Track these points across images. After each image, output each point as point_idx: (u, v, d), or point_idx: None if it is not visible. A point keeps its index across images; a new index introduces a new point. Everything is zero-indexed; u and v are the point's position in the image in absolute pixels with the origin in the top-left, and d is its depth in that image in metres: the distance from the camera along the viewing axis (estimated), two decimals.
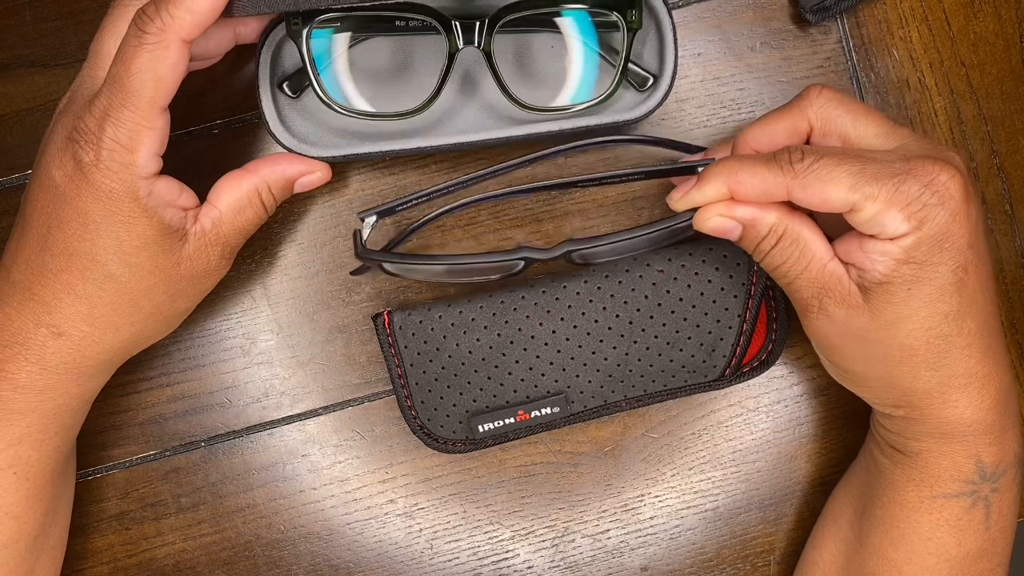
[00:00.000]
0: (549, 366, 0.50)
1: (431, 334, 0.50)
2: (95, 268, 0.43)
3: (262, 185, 0.47)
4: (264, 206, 0.47)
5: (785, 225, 0.42)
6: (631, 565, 0.54)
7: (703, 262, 0.49)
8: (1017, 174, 0.54)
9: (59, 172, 0.42)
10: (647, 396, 0.51)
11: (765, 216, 0.42)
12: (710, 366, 0.51)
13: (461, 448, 0.52)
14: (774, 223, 0.42)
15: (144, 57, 0.41)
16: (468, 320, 0.50)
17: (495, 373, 0.50)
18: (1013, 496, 0.46)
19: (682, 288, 0.49)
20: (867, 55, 0.53)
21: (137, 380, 0.53)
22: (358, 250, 0.46)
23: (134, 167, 0.42)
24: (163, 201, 0.43)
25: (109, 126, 0.41)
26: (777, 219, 0.42)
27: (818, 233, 0.42)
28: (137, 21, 0.41)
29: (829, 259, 0.42)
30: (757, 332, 0.51)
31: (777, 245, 0.42)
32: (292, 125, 0.49)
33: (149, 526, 0.53)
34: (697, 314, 0.50)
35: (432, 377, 0.50)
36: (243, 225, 0.46)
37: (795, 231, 0.42)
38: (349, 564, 0.54)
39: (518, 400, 0.50)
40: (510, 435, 0.51)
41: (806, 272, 0.42)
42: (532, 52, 0.50)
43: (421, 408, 0.51)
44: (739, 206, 0.42)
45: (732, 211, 0.42)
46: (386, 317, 0.50)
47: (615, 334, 0.50)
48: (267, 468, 0.54)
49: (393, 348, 0.50)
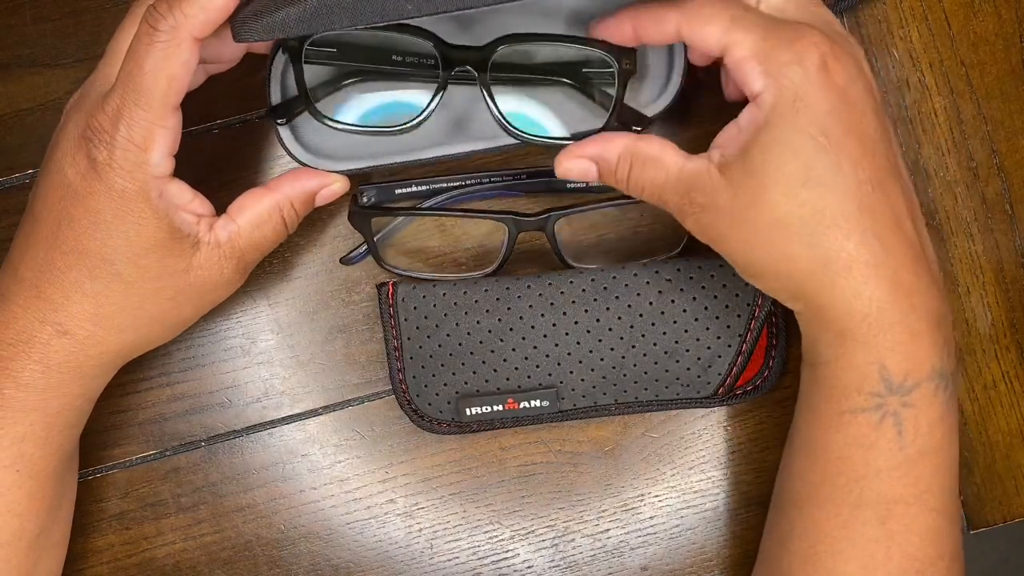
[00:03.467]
0: (545, 358, 0.50)
1: (432, 310, 0.50)
2: (104, 267, 0.43)
3: (284, 201, 0.46)
4: (285, 223, 0.47)
5: (632, 149, 0.44)
6: (631, 565, 0.54)
7: (711, 277, 0.50)
8: (1017, 174, 0.54)
9: (72, 170, 0.42)
10: (637, 403, 0.51)
11: (610, 146, 0.44)
12: (704, 382, 0.51)
13: (446, 430, 0.51)
14: (620, 151, 0.44)
15: (156, 55, 0.40)
16: (471, 301, 0.50)
17: (490, 358, 0.50)
18: (935, 415, 0.42)
19: (687, 300, 0.50)
20: (867, 55, 0.53)
21: (137, 380, 0.53)
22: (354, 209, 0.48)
23: (147, 166, 0.42)
24: (174, 204, 0.43)
25: (123, 125, 0.41)
26: (622, 147, 0.44)
27: (667, 145, 0.44)
28: (148, 19, 0.41)
29: (685, 161, 0.43)
30: (755, 357, 0.51)
31: (631, 169, 0.44)
32: (307, 140, 0.49)
33: (149, 526, 0.53)
34: (698, 328, 0.50)
35: (427, 353, 0.50)
36: (260, 241, 0.46)
37: (643, 151, 0.44)
38: (349, 564, 0.54)
39: (509, 388, 0.50)
40: (496, 423, 0.51)
41: (667, 181, 0.43)
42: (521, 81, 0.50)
43: (412, 383, 0.51)
44: (586, 146, 0.45)
45: (582, 150, 0.45)
46: (391, 288, 0.50)
47: (615, 335, 0.50)
48: (267, 468, 0.54)
49: (393, 320, 0.50)
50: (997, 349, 0.54)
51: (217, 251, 0.45)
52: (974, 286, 0.54)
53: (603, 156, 0.44)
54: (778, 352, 0.51)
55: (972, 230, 0.54)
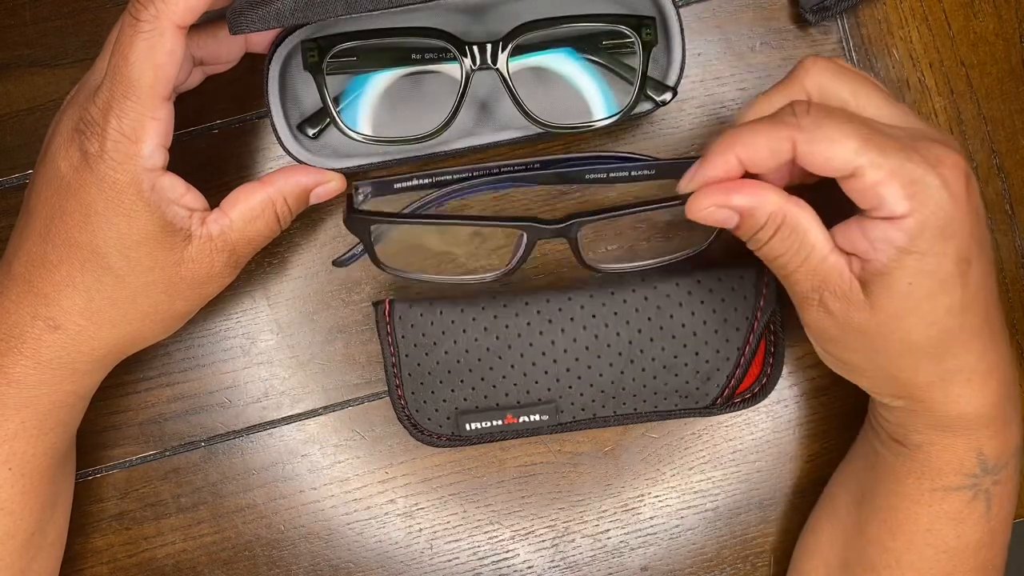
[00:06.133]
0: (544, 375, 0.50)
1: (430, 328, 0.50)
2: (95, 260, 0.43)
3: (277, 196, 0.46)
4: (278, 218, 0.47)
5: (784, 213, 0.40)
6: (631, 565, 0.54)
7: (710, 291, 0.49)
8: (1017, 174, 0.54)
9: (65, 163, 0.42)
10: (636, 415, 0.51)
11: (764, 203, 0.39)
12: (703, 393, 0.51)
13: (445, 443, 0.51)
14: (773, 211, 0.39)
15: (140, 45, 0.40)
16: (469, 319, 0.50)
17: (489, 375, 0.50)
18: (1014, 486, 0.45)
19: (686, 314, 0.49)
20: (867, 55, 0.53)
21: (137, 380, 0.53)
22: (347, 214, 0.45)
23: (138, 158, 0.41)
24: (166, 197, 0.43)
25: (113, 117, 0.41)
26: (776, 207, 0.39)
27: (817, 222, 0.40)
28: (131, 9, 0.41)
29: (829, 251, 0.40)
30: (753, 365, 0.51)
31: (776, 235, 0.40)
32: (304, 138, 0.49)
33: (149, 526, 0.53)
34: (697, 342, 0.50)
35: (426, 371, 0.50)
36: (252, 235, 0.46)
37: (794, 219, 0.40)
38: (349, 564, 0.54)
39: (509, 404, 0.50)
40: (496, 436, 0.51)
41: (805, 264, 0.40)
42: (545, 69, 0.50)
43: (411, 399, 0.51)
44: (736, 193, 0.39)
45: (728, 199, 0.40)
46: (387, 305, 0.50)
47: (613, 351, 0.50)
48: (267, 468, 0.54)
49: (390, 336, 0.50)
50: None
51: (209, 244, 0.45)
52: None
53: (755, 211, 0.40)
54: (776, 358, 0.51)
55: None
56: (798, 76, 0.42)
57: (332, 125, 0.48)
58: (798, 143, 0.38)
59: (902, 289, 0.39)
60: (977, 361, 0.42)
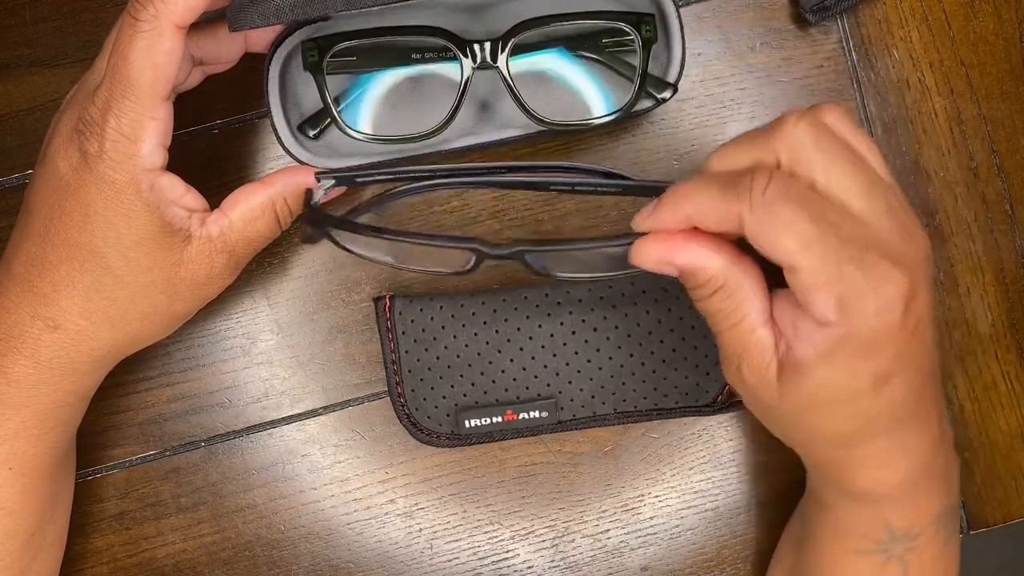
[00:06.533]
0: (543, 368, 0.50)
1: (430, 323, 0.50)
2: (94, 260, 0.43)
3: (277, 196, 0.46)
4: (278, 218, 0.47)
5: (726, 278, 0.37)
6: (631, 565, 0.54)
7: None
8: (1017, 174, 0.54)
9: (64, 163, 0.42)
10: (636, 412, 0.51)
11: (706, 265, 0.37)
12: (703, 390, 0.51)
13: (445, 442, 0.51)
14: (714, 275, 0.37)
15: (139, 45, 0.40)
16: (468, 314, 0.50)
17: (488, 369, 0.50)
18: (936, 551, 0.44)
19: (684, 308, 0.50)
20: (867, 55, 0.53)
21: (137, 380, 0.53)
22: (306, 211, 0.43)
23: (137, 158, 0.41)
24: (165, 197, 0.43)
25: (112, 116, 0.41)
26: (717, 270, 0.37)
27: (759, 290, 0.38)
28: (130, 9, 0.41)
29: (761, 324, 0.38)
30: None
31: (713, 296, 0.38)
32: (304, 138, 0.49)
33: (149, 526, 0.53)
34: (696, 336, 0.50)
35: (425, 366, 0.50)
36: (252, 236, 0.46)
37: (735, 284, 0.37)
38: (349, 564, 0.54)
39: (508, 399, 0.50)
40: (495, 435, 0.51)
41: (734, 330, 0.38)
42: (546, 68, 0.50)
43: (411, 396, 0.51)
44: (682, 250, 0.37)
45: (673, 255, 0.38)
46: (387, 301, 0.50)
47: (612, 345, 0.50)
48: (267, 468, 0.54)
49: (391, 333, 0.50)
50: (997, 349, 0.54)
51: (209, 245, 0.45)
52: (974, 286, 0.54)
53: (696, 272, 0.38)
54: None
55: (972, 230, 0.54)
56: (774, 134, 0.37)
57: (332, 125, 0.48)
58: (745, 223, 0.36)
59: (811, 390, 0.37)
60: (885, 451, 0.40)
